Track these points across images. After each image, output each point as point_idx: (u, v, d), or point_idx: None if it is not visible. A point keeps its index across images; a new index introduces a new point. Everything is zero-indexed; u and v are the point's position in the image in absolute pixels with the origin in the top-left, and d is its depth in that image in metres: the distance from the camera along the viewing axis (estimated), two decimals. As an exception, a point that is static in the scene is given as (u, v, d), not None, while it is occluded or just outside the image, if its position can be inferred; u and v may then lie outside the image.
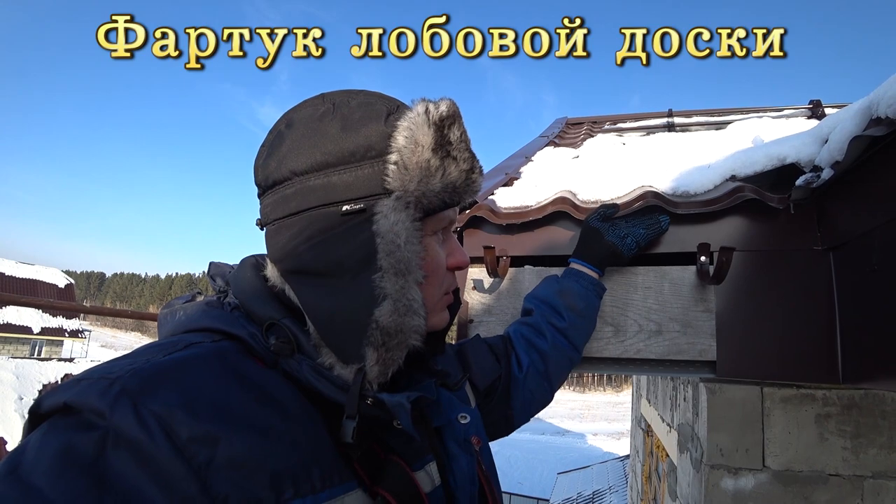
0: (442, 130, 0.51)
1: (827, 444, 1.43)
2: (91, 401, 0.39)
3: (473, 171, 0.54)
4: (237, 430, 0.42)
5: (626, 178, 1.36)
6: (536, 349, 0.92)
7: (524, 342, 0.94)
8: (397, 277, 0.49)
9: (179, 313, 0.55)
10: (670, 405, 2.58)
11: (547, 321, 0.96)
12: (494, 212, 1.37)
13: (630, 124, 2.99)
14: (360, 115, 0.51)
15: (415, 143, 0.50)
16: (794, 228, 1.09)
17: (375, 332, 0.49)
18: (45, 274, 21.25)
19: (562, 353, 0.96)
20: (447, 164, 0.51)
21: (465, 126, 0.54)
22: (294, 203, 0.51)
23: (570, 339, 0.97)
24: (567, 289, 1.00)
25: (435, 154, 0.50)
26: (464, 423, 0.62)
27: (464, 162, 0.53)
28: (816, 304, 1.04)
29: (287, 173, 0.51)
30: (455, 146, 0.52)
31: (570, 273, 1.04)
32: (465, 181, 0.53)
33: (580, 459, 10.99)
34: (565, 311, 0.97)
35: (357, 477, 0.48)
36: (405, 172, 0.49)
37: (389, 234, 0.49)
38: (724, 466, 1.53)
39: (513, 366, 0.89)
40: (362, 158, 0.50)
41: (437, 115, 0.51)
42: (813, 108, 2.54)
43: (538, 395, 0.92)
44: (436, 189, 0.51)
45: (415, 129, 0.50)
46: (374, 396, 0.48)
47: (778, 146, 1.11)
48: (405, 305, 0.49)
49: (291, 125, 0.53)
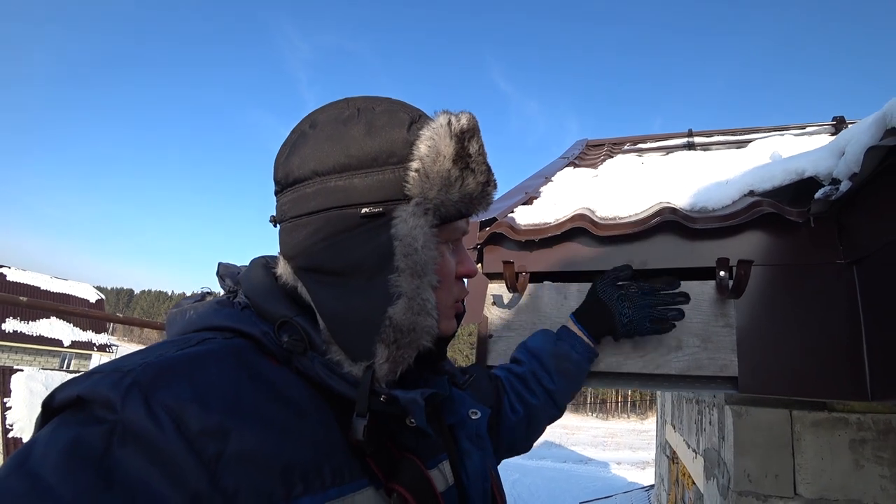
0: (463, 142, 0.52)
1: (863, 472, 1.37)
2: (103, 392, 0.39)
3: (489, 183, 0.56)
4: (249, 425, 0.42)
5: (644, 195, 1.37)
6: (525, 403, 0.93)
7: (514, 394, 0.94)
8: (413, 278, 0.50)
9: (190, 312, 0.56)
10: (696, 430, 2.50)
11: (537, 379, 0.96)
12: (514, 228, 1.39)
13: (650, 145, 2.99)
14: (384, 121, 0.52)
15: (437, 153, 0.51)
16: (815, 242, 1.08)
17: (388, 329, 0.49)
18: (78, 289, 22.04)
19: (546, 412, 0.96)
20: (466, 176, 0.53)
21: (482, 140, 0.55)
22: (314, 202, 0.51)
23: (556, 400, 0.96)
24: (562, 354, 0.99)
25: (455, 165, 0.52)
26: (475, 419, 0.63)
27: (481, 174, 0.54)
28: (840, 317, 1.02)
29: (309, 172, 0.52)
30: (474, 158, 0.53)
31: (567, 336, 1.02)
32: (480, 193, 0.55)
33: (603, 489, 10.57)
34: (556, 374, 0.96)
35: (370, 475, 0.48)
36: (426, 180, 0.51)
37: (408, 237, 0.50)
38: (753, 493, 1.47)
39: (505, 407, 0.90)
40: (384, 163, 0.51)
41: (459, 128, 0.52)
42: (836, 125, 2.50)
43: (519, 444, 0.93)
44: (454, 199, 0.53)
45: (437, 140, 0.51)
46: (388, 393, 0.49)
47: (795, 160, 1.11)
48: (419, 305, 0.50)
49: (315, 126, 0.54)
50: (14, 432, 9.45)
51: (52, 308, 1.83)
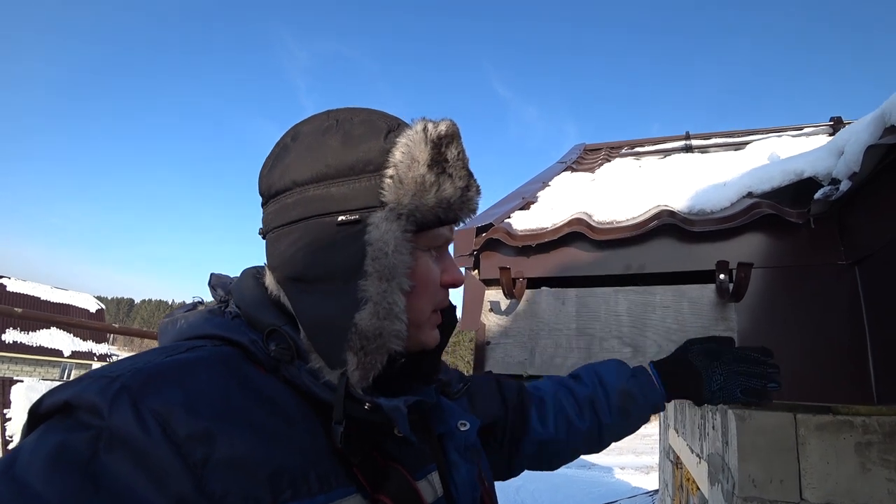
0: (439, 148, 0.52)
1: (870, 476, 1.35)
2: (90, 398, 0.39)
3: (469, 188, 0.55)
4: (237, 430, 0.42)
5: (641, 199, 1.36)
6: (568, 422, 0.86)
7: (557, 409, 0.87)
8: (380, 282, 0.50)
9: (181, 321, 0.56)
10: (699, 434, 2.47)
11: (594, 408, 0.88)
12: (510, 234, 1.38)
13: (648, 148, 2.99)
14: (362, 131, 0.53)
15: (411, 159, 0.51)
16: (816, 243, 1.07)
17: (354, 336, 0.49)
18: (78, 299, 22.03)
19: (588, 442, 0.88)
20: (442, 181, 0.52)
21: (463, 146, 0.55)
22: (294, 212, 0.52)
23: (602, 436, 0.89)
24: (633, 396, 0.89)
25: (430, 170, 0.51)
26: (463, 431, 0.61)
27: (459, 179, 0.54)
28: (843, 319, 1.00)
29: (289, 183, 0.53)
30: (451, 164, 0.53)
31: (643, 380, 0.91)
32: (459, 198, 0.54)
33: (607, 494, 10.48)
34: (616, 412, 0.88)
35: (357, 484, 0.47)
36: (400, 186, 0.51)
37: (379, 242, 0.50)
38: (759, 499, 1.45)
39: (532, 420, 0.84)
40: (361, 172, 0.51)
41: (436, 134, 0.52)
42: (834, 125, 2.50)
43: (546, 462, 0.87)
44: (429, 204, 0.52)
45: (412, 146, 0.52)
46: (371, 401, 0.48)
47: (794, 161, 1.10)
48: (385, 309, 0.50)
49: (296, 138, 0.55)
50: (14, 443, 9.40)
51: (48, 319, 1.82)
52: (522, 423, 0.83)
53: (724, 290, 1.05)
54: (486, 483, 0.62)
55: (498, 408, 0.81)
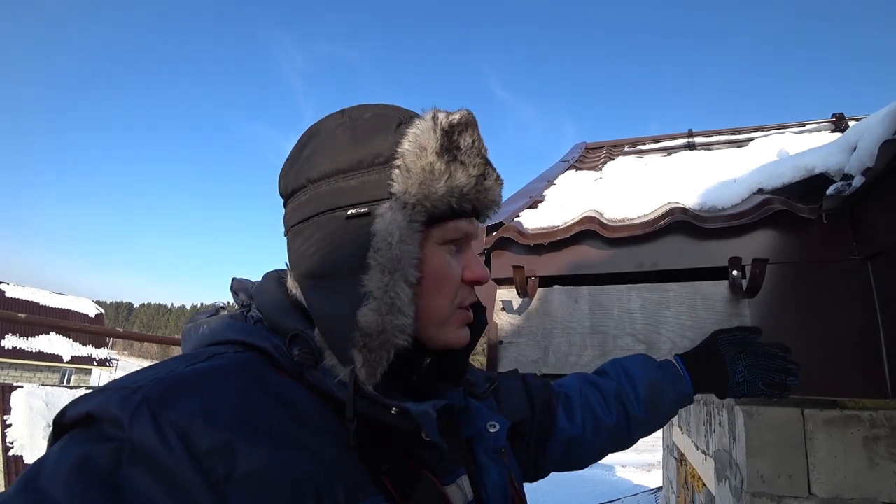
0: (451, 136, 0.50)
1: (878, 469, 1.35)
2: (112, 410, 0.39)
3: (486, 177, 0.52)
4: (259, 443, 0.41)
5: (651, 196, 1.37)
6: (595, 418, 0.85)
7: (584, 405, 0.86)
8: (382, 275, 0.48)
9: (203, 327, 0.55)
10: (705, 431, 2.47)
11: (621, 401, 0.87)
12: (521, 233, 1.39)
13: (650, 146, 3.00)
14: (372, 125, 0.52)
15: (419, 147, 0.50)
16: (829, 239, 1.07)
17: (356, 333, 0.48)
18: (77, 304, 21.95)
19: (616, 437, 0.87)
20: (454, 169, 0.50)
21: (480, 135, 0.53)
22: (307, 209, 0.52)
23: (631, 429, 0.87)
24: (661, 389, 0.88)
25: (440, 157, 0.50)
26: (493, 433, 0.60)
27: (474, 167, 0.51)
28: (856, 315, 1.01)
29: (303, 181, 0.53)
30: (464, 151, 0.51)
31: (672, 374, 0.90)
32: (474, 186, 0.51)
33: (609, 492, 10.49)
34: (645, 405, 0.87)
35: (385, 492, 0.46)
36: (408, 175, 0.49)
37: (383, 233, 0.49)
38: (767, 494, 1.45)
39: (560, 418, 0.83)
40: (370, 165, 0.51)
41: (447, 122, 0.51)
42: (836, 122, 2.51)
43: (574, 461, 0.86)
44: (439, 193, 0.50)
45: (420, 135, 0.50)
46: (399, 406, 0.47)
47: (804, 157, 1.11)
48: (387, 304, 0.48)
49: (312, 137, 0.55)
50: (14, 450, 9.34)
51: (51, 324, 1.81)
52: (550, 422, 0.82)
53: (737, 286, 1.06)
54: (516, 485, 0.61)
55: (525, 407, 0.80)
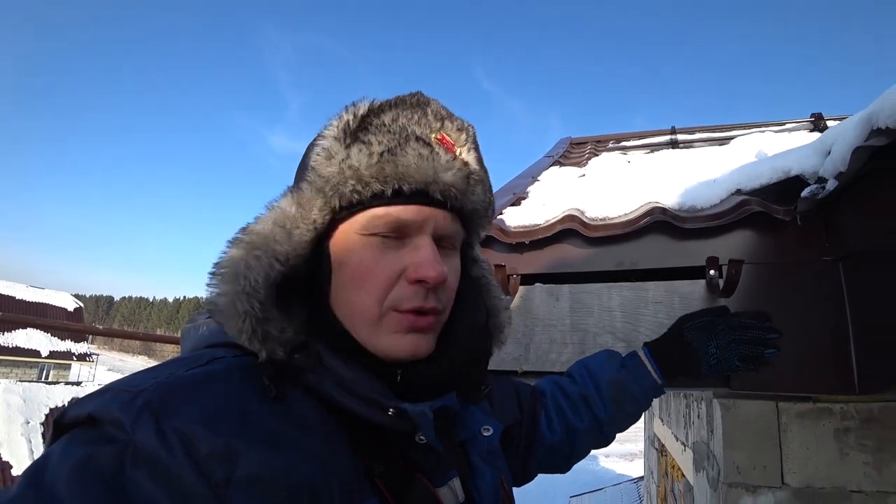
0: (365, 118, 0.50)
1: (848, 460, 1.40)
2: (114, 412, 0.40)
3: (398, 152, 0.48)
4: (257, 446, 0.42)
5: (632, 195, 1.38)
6: (568, 425, 0.86)
7: (558, 412, 0.86)
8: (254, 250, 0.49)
9: (203, 328, 0.56)
10: (684, 423, 2.53)
11: (587, 404, 0.88)
12: (504, 231, 1.39)
13: (634, 142, 3.02)
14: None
15: (321, 137, 0.51)
16: (803, 240, 1.10)
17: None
18: (55, 298, 21.43)
19: (590, 438, 0.88)
20: (354, 150, 0.48)
21: (417, 114, 0.51)
22: None
23: (603, 430, 0.88)
24: (624, 385, 0.88)
25: (338, 141, 0.49)
26: (487, 436, 0.61)
27: (379, 144, 0.48)
28: (827, 314, 1.04)
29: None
30: (373, 130, 0.49)
31: (634, 366, 0.91)
32: (377, 163, 0.47)
33: (593, 482, 10.69)
34: (610, 404, 0.87)
35: (379, 495, 0.46)
36: (308, 169, 0.51)
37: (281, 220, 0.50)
38: (742, 485, 1.50)
39: (542, 425, 0.84)
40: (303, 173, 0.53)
41: (354, 110, 0.51)
42: (815, 121, 2.56)
43: (558, 465, 0.88)
44: (329, 174, 0.49)
45: (336, 122, 0.51)
46: (397, 406, 0.47)
47: (782, 159, 1.13)
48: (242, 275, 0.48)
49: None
50: (-6, 448, 9.13)
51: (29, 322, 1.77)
52: (534, 428, 0.83)
53: (714, 285, 1.08)
54: (506, 487, 0.62)
55: (516, 411, 0.80)
